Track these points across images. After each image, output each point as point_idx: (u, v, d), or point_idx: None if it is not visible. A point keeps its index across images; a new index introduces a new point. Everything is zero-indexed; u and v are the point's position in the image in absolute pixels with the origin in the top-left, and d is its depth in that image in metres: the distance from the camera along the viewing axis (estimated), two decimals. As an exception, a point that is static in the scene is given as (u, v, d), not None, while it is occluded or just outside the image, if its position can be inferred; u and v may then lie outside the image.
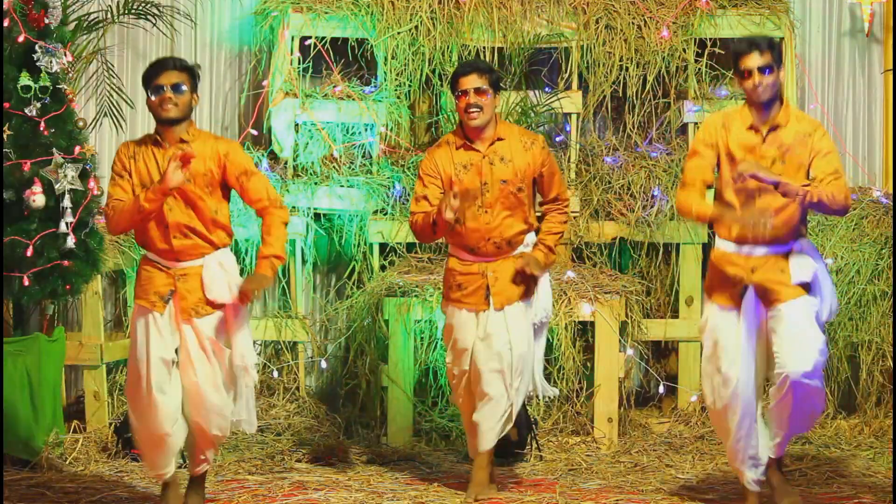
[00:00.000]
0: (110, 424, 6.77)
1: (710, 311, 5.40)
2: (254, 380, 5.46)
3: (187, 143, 5.31)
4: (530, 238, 5.97)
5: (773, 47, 5.21)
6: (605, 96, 7.84)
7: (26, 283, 6.41)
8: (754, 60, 5.14)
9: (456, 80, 5.77)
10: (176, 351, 5.36)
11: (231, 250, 5.53)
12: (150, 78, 5.31)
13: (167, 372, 5.33)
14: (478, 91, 5.69)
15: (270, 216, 5.39)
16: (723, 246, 5.33)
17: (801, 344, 5.22)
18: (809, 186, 5.11)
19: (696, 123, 7.77)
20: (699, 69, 7.82)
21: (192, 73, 5.35)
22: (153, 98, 5.29)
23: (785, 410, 5.32)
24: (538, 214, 6.05)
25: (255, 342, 7.64)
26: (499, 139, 5.78)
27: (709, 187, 5.42)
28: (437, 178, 5.81)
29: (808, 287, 5.20)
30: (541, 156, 5.83)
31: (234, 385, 5.41)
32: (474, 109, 5.69)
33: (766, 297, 5.25)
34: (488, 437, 5.87)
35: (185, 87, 5.29)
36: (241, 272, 7.63)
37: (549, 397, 6.64)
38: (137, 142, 5.45)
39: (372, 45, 7.70)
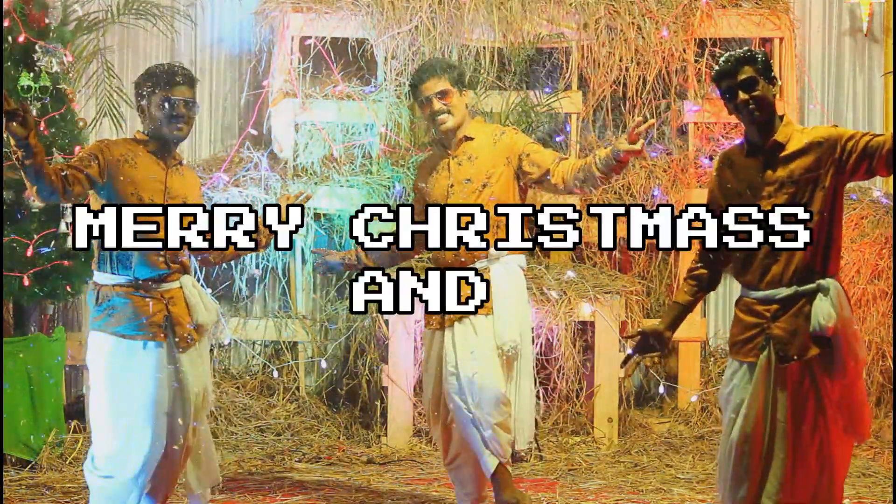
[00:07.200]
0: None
1: (731, 368, 4.65)
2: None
3: (184, 164, 4.84)
4: (502, 254, 5.18)
5: (753, 60, 4.49)
6: (605, 96, 7.85)
7: (26, 283, 6.41)
8: (733, 78, 4.47)
9: (415, 89, 5.29)
10: None
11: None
12: (159, 85, 4.66)
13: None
14: (441, 95, 5.21)
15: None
16: (745, 294, 4.66)
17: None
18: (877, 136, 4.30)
19: (696, 123, 7.79)
20: (699, 69, 7.82)
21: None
22: (162, 108, 4.64)
23: None
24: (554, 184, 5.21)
25: (254, 342, 7.71)
26: (467, 138, 5.26)
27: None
28: (418, 195, 5.42)
29: (827, 342, 4.46)
30: (513, 140, 5.25)
31: None
32: (441, 114, 5.23)
33: (783, 350, 4.51)
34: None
35: (194, 105, 4.71)
36: (242, 272, 7.72)
37: (516, 450, 5.35)
38: (128, 145, 4.74)
39: (372, 45, 7.70)
